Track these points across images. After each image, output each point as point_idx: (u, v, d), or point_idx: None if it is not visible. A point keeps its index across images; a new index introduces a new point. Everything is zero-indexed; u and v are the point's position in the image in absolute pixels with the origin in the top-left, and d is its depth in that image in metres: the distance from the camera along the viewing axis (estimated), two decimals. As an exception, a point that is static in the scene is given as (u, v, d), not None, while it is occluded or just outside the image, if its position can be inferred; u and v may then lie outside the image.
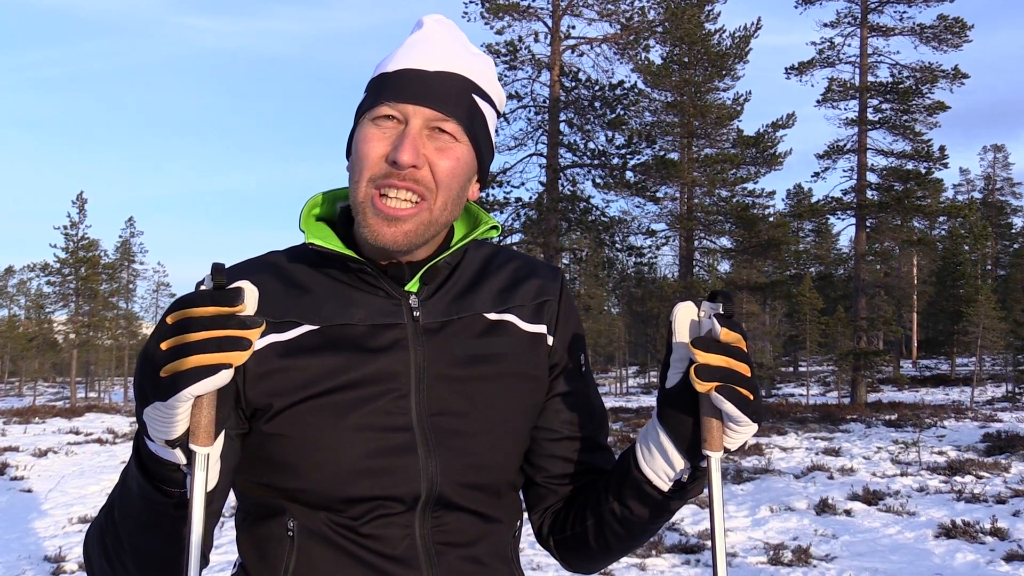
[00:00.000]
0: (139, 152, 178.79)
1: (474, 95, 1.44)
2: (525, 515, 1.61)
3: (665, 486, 1.37)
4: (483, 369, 1.46)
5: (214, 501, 1.29)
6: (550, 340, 1.55)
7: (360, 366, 1.39)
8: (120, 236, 68.59)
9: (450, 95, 1.40)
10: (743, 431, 1.25)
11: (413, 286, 1.46)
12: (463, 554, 1.43)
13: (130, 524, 1.27)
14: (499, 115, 1.54)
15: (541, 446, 1.56)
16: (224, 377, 1.07)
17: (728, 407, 1.21)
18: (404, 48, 1.45)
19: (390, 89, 1.40)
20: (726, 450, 1.28)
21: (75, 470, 15.61)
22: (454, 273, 1.52)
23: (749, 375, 1.24)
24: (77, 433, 23.15)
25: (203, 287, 1.11)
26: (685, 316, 1.30)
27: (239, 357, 1.08)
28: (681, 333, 1.29)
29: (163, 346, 1.08)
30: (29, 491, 13.19)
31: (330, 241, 1.43)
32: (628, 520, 1.44)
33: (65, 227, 46.66)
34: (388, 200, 1.38)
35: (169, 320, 1.09)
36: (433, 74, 1.41)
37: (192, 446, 1.12)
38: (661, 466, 1.36)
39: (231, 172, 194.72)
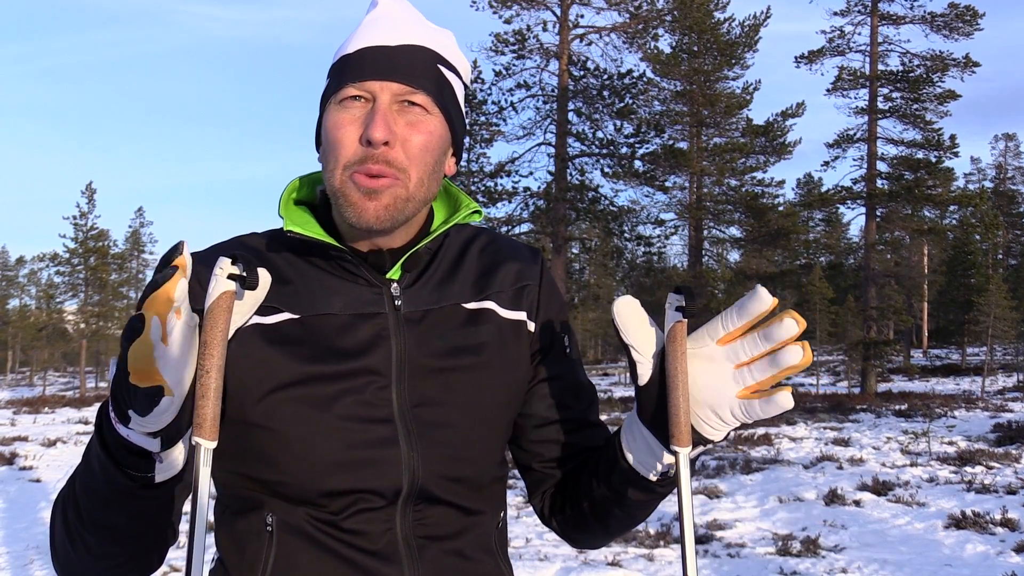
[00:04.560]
0: (149, 141, 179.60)
1: (440, 66, 1.41)
2: (511, 505, 1.60)
3: (652, 476, 1.36)
4: (465, 359, 1.43)
5: (185, 479, 1.27)
6: (531, 326, 1.53)
7: (341, 357, 1.36)
8: (130, 226, 68.93)
9: (416, 67, 1.37)
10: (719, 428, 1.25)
11: (394, 274, 1.43)
12: (446, 547, 1.41)
13: (92, 499, 1.24)
14: (466, 87, 1.50)
15: (532, 432, 1.54)
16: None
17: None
18: (363, 28, 1.41)
19: (353, 69, 1.36)
20: (710, 441, 1.26)
21: (84, 460, 15.64)
22: (435, 259, 1.49)
23: None
24: (86, 423, 23.26)
25: (220, 276, 1.11)
26: (628, 311, 1.27)
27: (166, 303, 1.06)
28: (628, 329, 1.26)
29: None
30: (38, 481, 13.24)
31: (310, 228, 1.40)
32: (621, 503, 1.43)
33: (74, 217, 46.85)
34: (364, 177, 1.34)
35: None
36: (396, 48, 1.37)
37: (197, 439, 1.09)
38: (644, 458, 1.35)
39: (242, 161, 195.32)
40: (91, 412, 27.40)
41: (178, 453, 1.20)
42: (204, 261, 1.36)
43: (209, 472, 1.10)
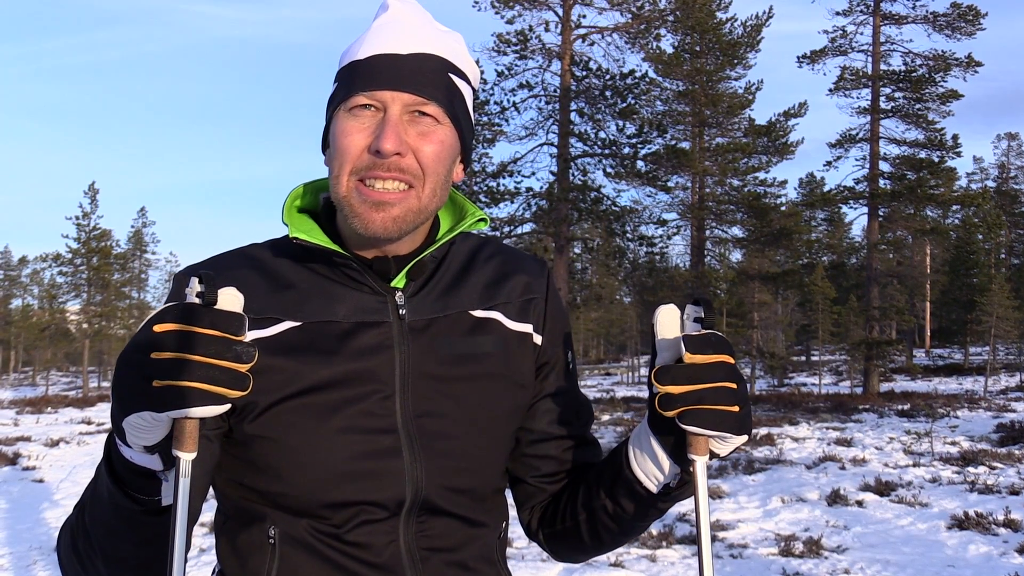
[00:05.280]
0: (152, 141, 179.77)
1: (450, 74, 1.39)
2: (512, 514, 1.59)
3: (654, 488, 1.36)
4: (468, 369, 1.42)
5: (191, 503, 1.25)
6: (538, 339, 1.52)
7: (343, 365, 1.35)
8: (132, 226, 69.03)
9: (427, 77, 1.35)
10: (729, 441, 1.23)
11: (399, 282, 1.42)
12: (448, 559, 1.40)
13: (100, 528, 1.24)
14: (474, 91, 1.49)
15: (531, 446, 1.54)
16: (223, 409, 1.05)
17: (693, 430, 1.19)
18: (372, 33, 1.39)
19: (363, 77, 1.34)
20: (715, 455, 1.25)
21: (87, 460, 15.64)
22: (440, 267, 1.48)
23: (736, 387, 1.20)
24: (89, 423, 23.23)
25: (190, 294, 1.07)
26: (667, 320, 1.26)
27: (237, 395, 1.05)
28: (664, 337, 1.26)
29: (155, 356, 1.03)
30: (41, 481, 13.22)
31: (314, 235, 1.38)
32: (620, 516, 1.43)
33: (77, 217, 46.86)
34: (374, 187, 1.33)
35: (159, 329, 1.04)
36: (407, 57, 1.35)
37: (176, 452, 1.08)
38: (651, 469, 1.34)
39: (245, 161, 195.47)
40: (94, 412, 27.38)
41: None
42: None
43: (188, 484, 1.09)
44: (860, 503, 10.87)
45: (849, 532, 9.41)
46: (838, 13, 35.50)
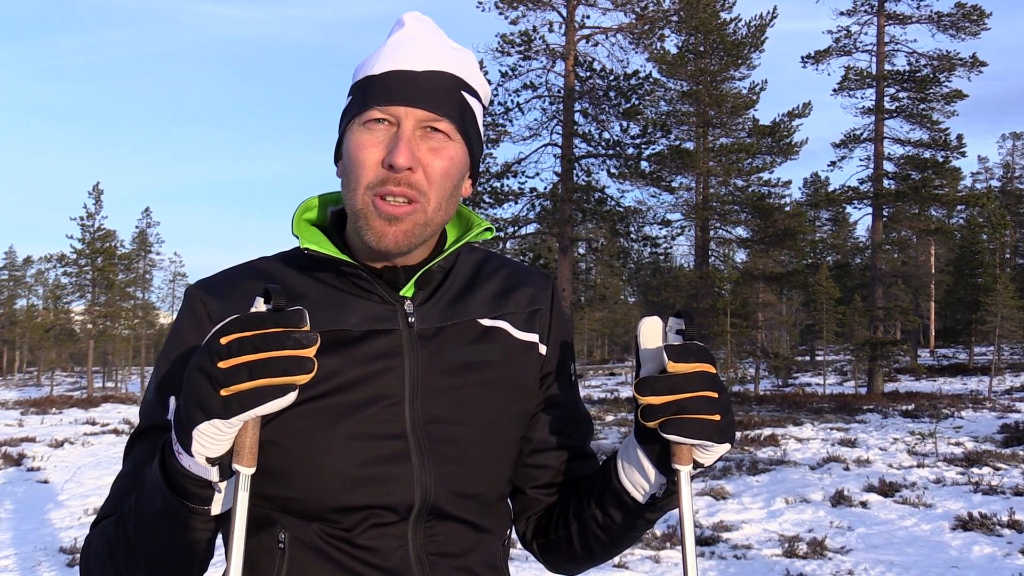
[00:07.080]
0: (157, 141, 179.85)
1: (462, 91, 1.43)
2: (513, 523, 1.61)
3: (641, 499, 1.38)
4: (476, 376, 1.45)
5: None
6: (543, 349, 1.55)
7: (353, 372, 1.38)
8: (137, 226, 69.02)
9: (440, 94, 1.39)
10: (712, 450, 1.26)
11: (408, 291, 1.45)
12: (455, 564, 1.43)
13: (147, 538, 1.27)
14: (484, 108, 1.53)
15: (530, 456, 1.56)
16: (291, 398, 1.09)
17: (674, 439, 1.22)
18: (388, 49, 1.42)
19: (378, 92, 1.38)
20: (699, 464, 1.29)
21: (91, 461, 15.69)
22: (448, 278, 1.51)
23: (717, 396, 1.23)
24: (94, 424, 23.31)
25: (256, 310, 1.12)
26: (650, 332, 1.29)
27: (304, 379, 1.09)
28: (646, 348, 1.29)
29: (222, 365, 1.08)
30: (45, 482, 13.27)
31: (324, 246, 1.41)
32: (609, 527, 1.46)
33: (81, 218, 46.93)
34: (387, 201, 1.36)
35: (224, 340, 1.09)
36: (421, 73, 1.39)
37: (236, 466, 1.14)
38: (637, 479, 1.37)
39: (249, 161, 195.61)
40: (99, 413, 27.43)
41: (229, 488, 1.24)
42: (213, 292, 1.42)
43: (247, 497, 1.15)
44: (864, 504, 10.87)
45: (853, 533, 9.42)
46: (842, 13, 35.52)
